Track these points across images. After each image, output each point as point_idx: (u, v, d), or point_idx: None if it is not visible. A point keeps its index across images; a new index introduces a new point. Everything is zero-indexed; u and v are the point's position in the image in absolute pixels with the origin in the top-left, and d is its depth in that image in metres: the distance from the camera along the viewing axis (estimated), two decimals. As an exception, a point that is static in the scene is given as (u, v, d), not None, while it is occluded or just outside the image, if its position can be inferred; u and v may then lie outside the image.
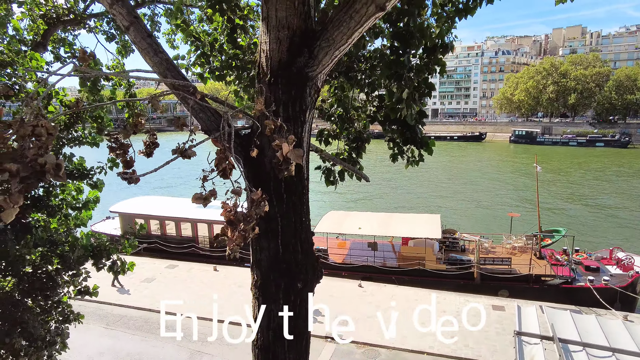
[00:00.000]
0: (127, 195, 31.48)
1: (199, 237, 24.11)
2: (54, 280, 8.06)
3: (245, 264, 22.85)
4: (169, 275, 21.86)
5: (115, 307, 18.69)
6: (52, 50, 10.24)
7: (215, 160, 2.92)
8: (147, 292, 20.10)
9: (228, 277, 21.57)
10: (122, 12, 3.31)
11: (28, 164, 2.16)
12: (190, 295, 19.45)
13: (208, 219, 23.54)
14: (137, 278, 20.90)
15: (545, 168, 53.45)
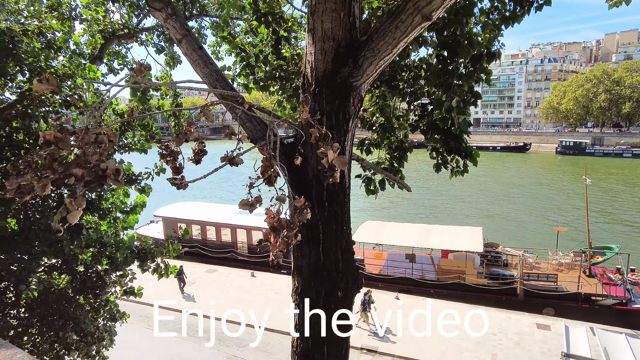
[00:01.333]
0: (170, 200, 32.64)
1: (238, 242, 24.61)
2: (103, 279, 8.48)
3: (282, 271, 23.07)
4: (208, 279, 22.40)
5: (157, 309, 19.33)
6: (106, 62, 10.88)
7: (261, 168, 3.00)
8: (187, 295, 20.69)
9: (265, 283, 21.82)
10: (176, 26, 3.48)
11: (92, 169, 2.32)
12: (228, 299, 19.82)
13: (247, 225, 24.01)
14: (178, 281, 21.57)
15: (595, 181, 50.64)
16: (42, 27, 8.21)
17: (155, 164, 8.52)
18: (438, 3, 3.04)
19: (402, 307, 18.71)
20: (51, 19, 9.44)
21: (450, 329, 16.55)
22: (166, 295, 20.36)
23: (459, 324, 16.86)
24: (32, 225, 7.65)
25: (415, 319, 17.47)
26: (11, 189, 2.63)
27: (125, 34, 10.40)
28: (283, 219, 2.98)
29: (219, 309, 18.89)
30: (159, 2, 3.44)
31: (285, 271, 23.05)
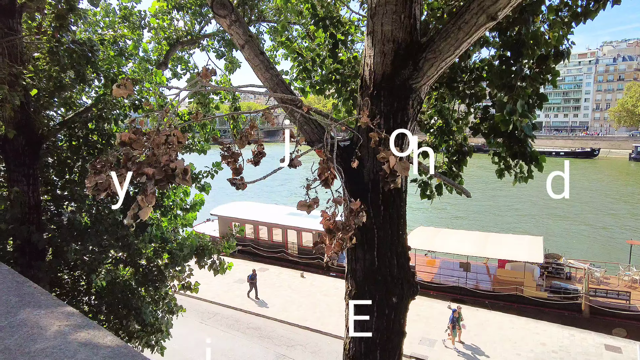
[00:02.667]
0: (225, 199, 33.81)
1: (289, 243, 25.02)
2: (163, 273, 8.94)
3: (331, 274, 23.13)
4: (259, 278, 22.94)
5: (210, 305, 20.09)
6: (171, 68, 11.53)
7: (319, 170, 3.04)
8: (239, 292, 21.31)
9: (314, 284, 21.99)
10: (239, 32, 3.61)
11: (162, 168, 2.46)
12: (278, 299, 20.18)
13: (297, 226, 24.35)
14: (231, 278, 22.25)
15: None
16: (116, 36, 8.82)
17: (214, 163, 8.87)
18: (504, 2, 2.92)
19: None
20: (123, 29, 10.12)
21: (507, 342, 15.74)
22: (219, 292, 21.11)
23: (516, 337, 16.00)
24: (102, 220, 8.24)
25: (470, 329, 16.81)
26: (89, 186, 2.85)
27: (188, 41, 10.97)
28: (338, 221, 2.99)
29: (269, 308, 19.29)
30: (224, 9, 3.58)
31: (334, 274, 23.09)
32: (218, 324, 18.29)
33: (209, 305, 20.06)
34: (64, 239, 7.61)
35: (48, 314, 1.09)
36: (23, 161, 7.59)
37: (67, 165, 8.37)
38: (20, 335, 0.96)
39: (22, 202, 7.35)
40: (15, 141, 7.35)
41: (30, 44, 7.80)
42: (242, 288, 21.64)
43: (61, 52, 7.01)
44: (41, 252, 7.73)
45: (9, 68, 6.67)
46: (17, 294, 1.23)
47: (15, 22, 7.32)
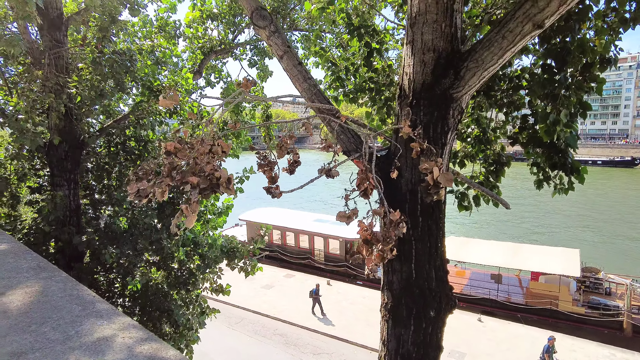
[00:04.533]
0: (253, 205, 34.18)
1: (315, 250, 25.00)
2: (195, 276, 9.09)
3: (357, 282, 22.95)
4: (286, 284, 23.01)
5: (237, 309, 20.28)
6: (204, 76, 11.79)
7: (357, 180, 3.01)
8: (266, 298, 21.41)
9: (340, 292, 21.85)
10: (278, 42, 3.65)
11: (206, 177, 2.50)
12: (305, 305, 20.15)
13: (324, 232, 24.32)
14: (258, 283, 22.43)
15: None
16: (153, 45, 9.10)
17: (245, 169, 8.98)
18: (552, 9, 2.83)
19: (485, 329, 17.55)
20: (160, 38, 10.43)
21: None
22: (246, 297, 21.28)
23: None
24: (137, 224, 8.46)
25: (500, 343, 16.27)
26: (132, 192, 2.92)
27: (222, 50, 11.20)
28: (378, 232, 2.95)
29: (296, 315, 19.29)
30: (263, 20, 3.63)
31: (361, 282, 22.89)
32: (245, 329, 18.42)
33: (236, 309, 20.25)
34: (102, 242, 7.86)
35: (110, 324, 1.11)
36: (65, 166, 7.91)
37: (105, 170, 8.67)
38: (89, 347, 0.98)
39: (64, 205, 7.65)
40: (59, 147, 7.67)
41: (75, 55, 8.15)
42: (268, 294, 21.75)
43: (103, 62, 7.29)
44: (80, 254, 8.01)
45: (56, 78, 6.98)
46: (79, 302, 1.26)
47: (61, 35, 7.67)
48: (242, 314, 19.95)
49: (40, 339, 1.03)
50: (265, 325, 18.73)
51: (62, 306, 1.23)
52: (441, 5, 3.27)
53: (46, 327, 1.09)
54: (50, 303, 1.26)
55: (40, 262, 1.74)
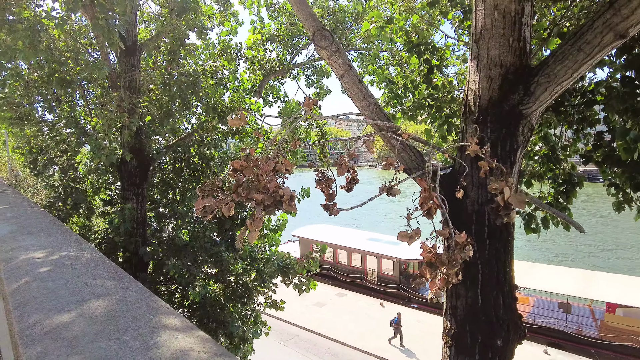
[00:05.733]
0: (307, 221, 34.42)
1: (368, 269, 24.59)
2: (251, 290, 9.24)
3: (412, 305, 22.21)
4: (338, 303, 22.77)
5: (289, 326, 20.30)
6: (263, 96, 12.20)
7: (420, 199, 2.92)
8: (317, 315, 21.28)
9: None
10: (339, 62, 3.68)
11: (270, 194, 2.54)
12: (356, 326, 19.79)
13: (377, 252, 23.89)
14: (310, 301, 22.38)
15: None
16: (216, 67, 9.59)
17: (302, 188, 9.10)
18: (638, 17, 2.62)
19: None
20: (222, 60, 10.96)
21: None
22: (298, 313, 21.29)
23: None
24: (198, 237, 8.80)
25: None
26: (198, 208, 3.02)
27: (280, 70, 11.56)
28: (442, 254, 2.83)
29: (348, 335, 18.97)
30: (325, 40, 3.70)
31: (416, 305, 22.13)
32: (297, 346, 18.37)
33: (287, 325, 20.29)
34: (165, 253, 8.25)
35: (185, 337, 1.13)
36: (134, 181, 8.46)
37: (170, 185, 9.16)
38: (167, 358, 1.00)
39: (132, 218, 8.14)
40: (130, 163, 8.22)
41: (146, 77, 8.78)
42: (320, 312, 21.62)
43: (171, 83, 7.78)
44: (145, 264, 8.45)
45: (129, 99, 7.54)
46: (155, 313, 1.30)
47: (135, 60, 8.31)
48: (294, 330, 19.94)
49: (123, 347, 1.07)
50: (317, 344, 18.57)
51: (141, 316, 1.27)
52: (509, 19, 3.16)
53: (128, 336, 1.13)
54: (130, 312, 1.31)
55: (118, 272, 1.83)
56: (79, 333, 1.17)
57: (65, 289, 1.57)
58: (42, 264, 1.95)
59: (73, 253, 2.12)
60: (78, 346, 1.09)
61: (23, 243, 2.42)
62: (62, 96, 8.20)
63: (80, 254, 2.11)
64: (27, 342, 1.15)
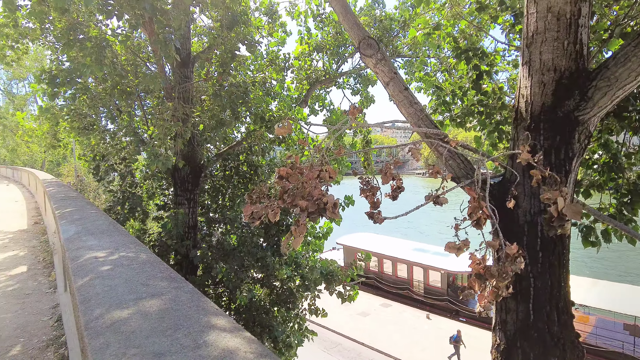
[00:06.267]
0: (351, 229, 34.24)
1: (414, 280, 24.02)
2: (295, 296, 9.33)
3: (460, 319, 21.42)
4: (382, 314, 22.41)
5: (332, 334, 20.22)
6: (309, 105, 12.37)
7: (469, 209, 2.84)
8: (361, 325, 21.04)
9: (441, 328, 20.56)
10: (384, 69, 3.68)
11: (315, 201, 2.59)
12: (401, 337, 19.37)
13: (424, 263, 23.31)
14: (354, 310, 22.19)
15: None
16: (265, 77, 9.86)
17: (346, 196, 9.11)
18: None
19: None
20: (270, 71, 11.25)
21: None
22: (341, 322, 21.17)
23: None
24: (245, 242, 9.03)
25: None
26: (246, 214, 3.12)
27: (326, 79, 11.68)
28: (492, 266, 2.73)
29: (392, 347, 18.60)
30: (371, 49, 3.71)
31: (464, 319, 21.31)
32: (341, 355, 18.25)
33: (331, 334, 20.22)
34: (214, 257, 8.54)
35: (233, 337, 1.18)
36: (187, 187, 8.84)
37: (220, 191, 9.49)
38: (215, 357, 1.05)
39: (184, 222, 8.50)
40: (183, 170, 8.62)
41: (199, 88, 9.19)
42: (364, 322, 21.37)
43: (222, 93, 8.09)
44: (195, 267, 8.79)
45: (183, 109, 7.92)
46: (204, 313, 1.36)
47: (189, 71, 8.72)
48: (338, 339, 19.82)
49: (175, 344, 1.13)
50: (361, 354, 18.34)
51: (191, 315, 1.34)
52: (563, 21, 3.03)
53: (179, 334, 1.19)
54: (181, 311, 1.38)
55: (170, 273, 1.93)
56: (135, 328, 1.25)
57: (123, 287, 1.68)
58: (103, 263, 2.10)
59: (130, 254, 2.26)
60: (135, 340, 1.16)
61: (87, 243, 2.61)
62: (123, 107, 8.77)
63: (136, 255, 2.25)
64: (91, 333, 1.25)
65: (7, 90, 37.20)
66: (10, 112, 37.54)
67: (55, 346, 3.81)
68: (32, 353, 3.72)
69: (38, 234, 9.78)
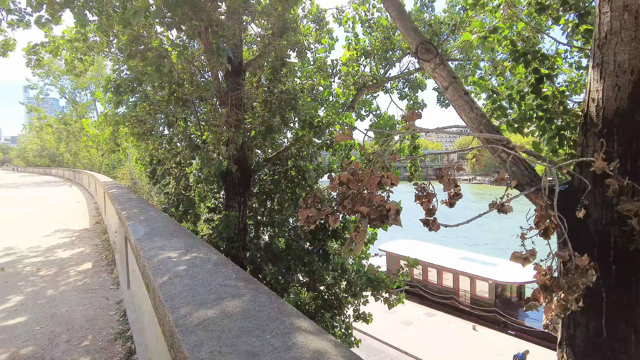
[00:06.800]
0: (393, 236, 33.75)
1: (460, 290, 23.30)
2: (341, 301, 9.32)
3: (509, 332, 20.51)
4: (426, 323, 21.89)
5: (375, 342, 19.97)
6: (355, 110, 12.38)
7: (535, 218, 2.73)
8: (404, 334, 20.64)
9: (487, 340, 19.80)
10: (443, 74, 3.63)
11: (377, 208, 2.59)
12: (445, 349, 18.82)
13: (471, 272, 22.57)
14: (397, 318, 21.83)
15: None
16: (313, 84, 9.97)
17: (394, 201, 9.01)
18: None
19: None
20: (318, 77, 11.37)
21: None
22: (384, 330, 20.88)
23: None
24: (292, 246, 9.14)
25: None
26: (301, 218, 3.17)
27: (373, 85, 11.65)
28: (561, 278, 2.61)
29: (436, 357, 18.12)
30: (429, 53, 3.68)
31: (513, 332, 20.38)
32: (384, 364, 18.01)
33: (374, 341, 19.99)
34: (262, 259, 8.71)
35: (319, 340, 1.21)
36: (237, 191, 9.09)
37: (268, 195, 9.69)
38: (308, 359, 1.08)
39: (234, 224, 8.74)
40: (234, 174, 8.87)
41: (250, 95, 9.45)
42: (407, 331, 20.96)
43: (272, 100, 8.28)
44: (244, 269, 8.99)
45: (235, 115, 8.17)
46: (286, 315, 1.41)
47: (240, 79, 8.99)
48: (381, 346, 19.56)
49: (266, 344, 1.16)
50: (404, 363, 18.02)
51: (274, 317, 1.38)
52: (642, 20, 2.86)
53: (267, 334, 1.23)
54: (264, 313, 1.42)
55: (244, 274, 2.00)
56: (224, 328, 1.30)
57: (202, 286, 1.76)
58: (177, 263, 2.20)
59: (201, 255, 2.36)
60: (226, 339, 1.21)
61: (158, 244, 2.75)
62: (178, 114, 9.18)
63: (207, 256, 2.34)
64: (182, 330, 1.32)
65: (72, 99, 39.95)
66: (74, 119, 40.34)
67: (122, 340, 4.04)
68: (101, 345, 3.97)
69: (99, 233, 10.41)
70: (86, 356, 3.73)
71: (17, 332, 4.33)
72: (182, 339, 1.25)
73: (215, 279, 1.86)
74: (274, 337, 1.21)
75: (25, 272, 6.77)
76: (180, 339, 1.26)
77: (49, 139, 48.59)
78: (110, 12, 7.93)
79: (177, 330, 1.32)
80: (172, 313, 1.48)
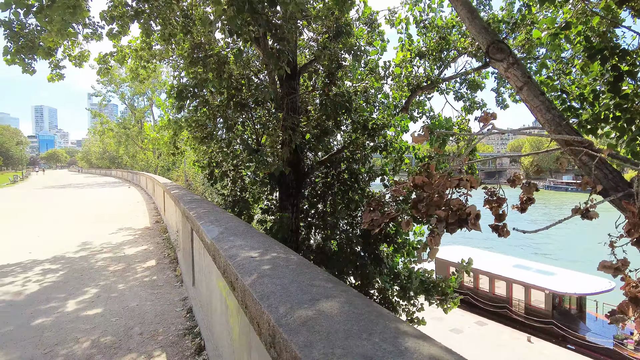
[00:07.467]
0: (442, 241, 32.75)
1: (513, 299, 22.25)
2: (394, 306, 9.20)
3: (568, 346, 19.33)
4: (476, 332, 21.10)
5: (425, 347, 19.48)
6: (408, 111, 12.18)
7: (627, 225, 2.56)
8: (454, 342, 19.97)
9: (544, 354, 18.75)
10: (517, 74, 3.49)
11: (455, 212, 2.53)
12: (499, 359, 18.03)
13: (525, 281, 21.51)
14: (447, 326, 21.21)
15: None
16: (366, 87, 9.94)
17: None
18: None
19: None
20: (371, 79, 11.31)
21: None
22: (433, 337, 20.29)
23: None
24: (343, 248, 9.14)
25: None
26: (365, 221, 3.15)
27: (427, 85, 11.42)
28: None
29: (488, 368, 17.41)
30: (501, 53, 3.55)
31: (573, 347, 19.17)
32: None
33: (423, 348, 19.52)
34: (315, 261, 8.77)
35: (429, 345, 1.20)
36: (290, 193, 9.22)
37: (320, 197, 9.75)
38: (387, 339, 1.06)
39: (288, 226, 8.87)
40: (288, 176, 9.01)
41: (303, 99, 9.56)
42: (456, 339, 20.28)
43: (328, 103, 8.33)
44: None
45: (291, 119, 8.30)
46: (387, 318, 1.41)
47: (295, 83, 9.13)
48: (431, 353, 19.07)
49: (377, 347, 1.16)
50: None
51: (376, 320, 1.37)
52: None
53: (375, 338, 1.22)
54: (364, 315, 1.42)
55: (328, 275, 2.01)
56: (329, 329, 1.31)
57: (293, 286, 1.79)
58: (261, 262, 2.26)
59: (281, 255, 2.41)
60: (336, 341, 1.22)
61: (235, 243, 2.84)
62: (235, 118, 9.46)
63: (287, 256, 2.39)
64: (287, 330, 1.34)
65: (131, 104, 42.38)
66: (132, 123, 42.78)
67: (191, 335, 4.21)
68: (172, 339, 4.16)
69: (160, 232, 10.94)
70: (159, 349, 3.93)
71: (96, 322, 4.64)
72: (290, 339, 1.27)
73: (303, 279, 1.89)
74: (383, 340, 1.21)
75: (97, 266, 7.24)
76: (287, 339, 1.28)
77: (110, 142, 51.92)
78: (173, 22, 8.34)
79: (282, 330, 1.35)
80: (271, 312, 1.51)
